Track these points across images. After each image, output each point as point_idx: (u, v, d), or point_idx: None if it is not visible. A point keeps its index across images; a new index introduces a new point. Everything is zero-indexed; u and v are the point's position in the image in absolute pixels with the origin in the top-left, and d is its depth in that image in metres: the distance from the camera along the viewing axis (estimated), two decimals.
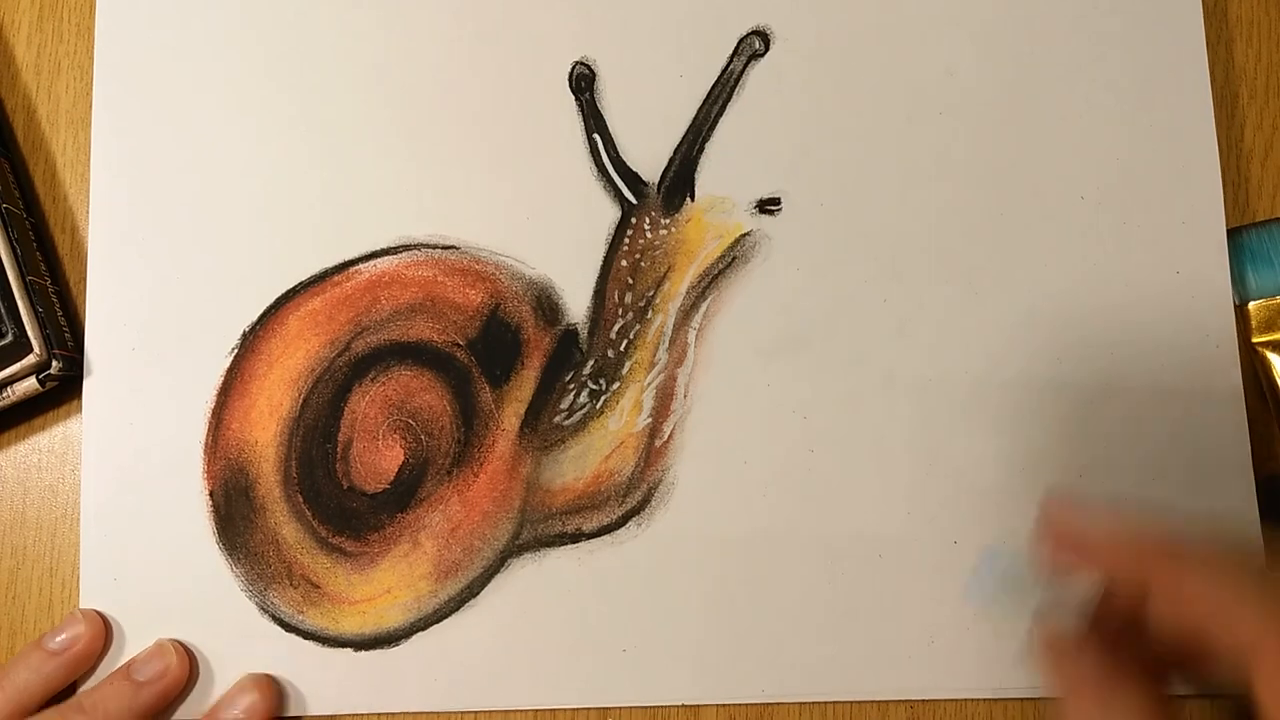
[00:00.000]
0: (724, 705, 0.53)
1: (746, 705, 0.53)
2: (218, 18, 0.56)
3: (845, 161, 0.55)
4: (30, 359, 0.52)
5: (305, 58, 0.56)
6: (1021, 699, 0.53)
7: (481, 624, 0.52)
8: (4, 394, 0.52)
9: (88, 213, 0.55)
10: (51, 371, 0.52)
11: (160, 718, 0.52)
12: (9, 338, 0.52)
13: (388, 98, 0.56)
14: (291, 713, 0.52)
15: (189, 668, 0.52)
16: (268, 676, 0.52)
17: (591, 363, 0.54)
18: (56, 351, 0.52)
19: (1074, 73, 0.56)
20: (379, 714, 0.53)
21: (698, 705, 0.53)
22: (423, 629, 0.52)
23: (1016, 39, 0.56)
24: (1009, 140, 0.55)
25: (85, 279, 0.55)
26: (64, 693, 0.52)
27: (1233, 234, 0.55)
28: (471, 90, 0.56)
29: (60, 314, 0.54)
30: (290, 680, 0.53)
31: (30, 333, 0.52)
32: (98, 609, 0.53)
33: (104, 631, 0.52)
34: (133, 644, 0.53)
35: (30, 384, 0.52)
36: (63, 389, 0.54)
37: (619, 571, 0.53)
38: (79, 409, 0.54)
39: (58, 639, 0.51)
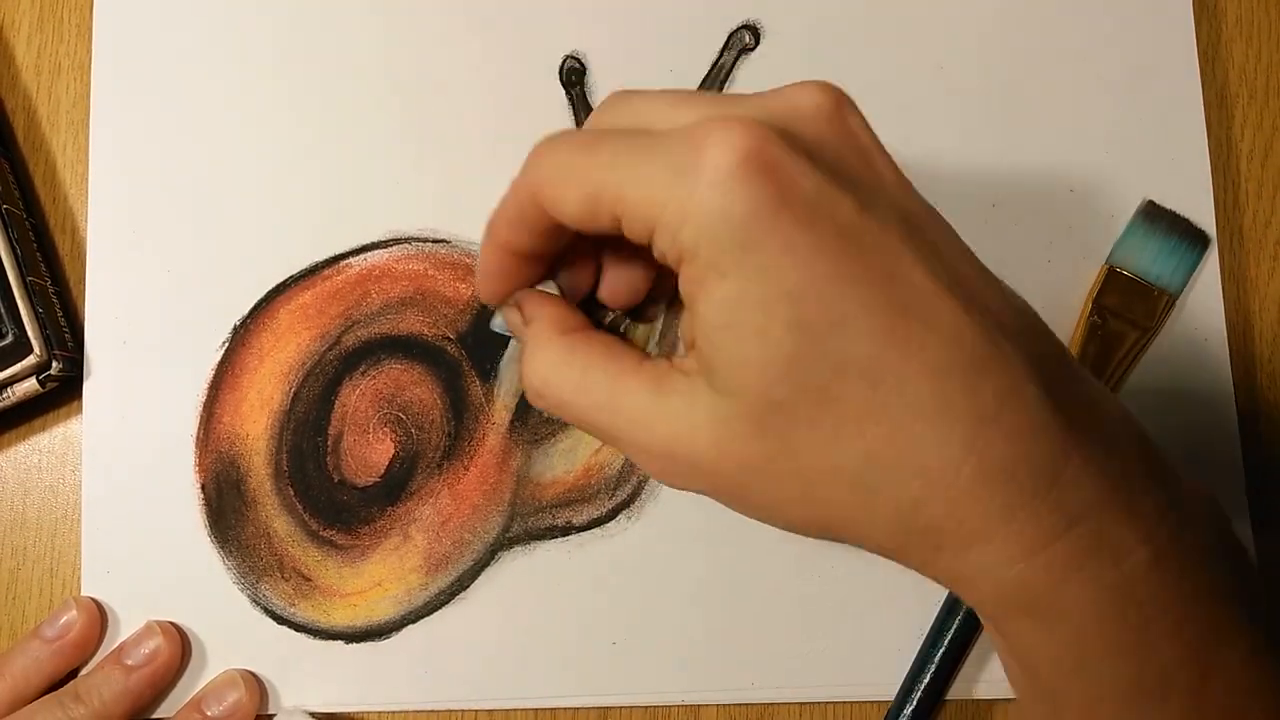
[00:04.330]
0: (724, 705, 0.53)
1: (746, 705, 0.53)
2: (211, 17, 0.57)
3: None
4: (30, 360, 0.52)
5: (296, 54, 0.57)
6: None
7: (471, 617, 0.53)
8: (4, 395, 0.53)
9: (88, 213, 0.56)
10: (52, 372, 0.52)
11: (156, 699, 0.52)
12: (9, 338, 0.52)
13: (378, 92, 0.56)
14: (283, 704, 0.53)
15: (180, 647, 0.52)
16: (252, 673, 0.53)
17: None
18: (57, 352, 0.53)
19: (1063, 67, 0.56)
20: (370, 708, 0.53)
21: (698, 705, 0.53)
22: (413, 621, 0.52)
23: (1006, 33, 0.56)
24: (998, 133, 0.56)
25: (85, 279, 0.55)
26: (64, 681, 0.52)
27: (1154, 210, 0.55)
28: (462, 83, 0.56)
29: (60, 314, 0.55)
30: (282, 672, 0.53)
31: (30, 333, 0.52)
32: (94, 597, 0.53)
33: (99, 618, 0.52)
34: (127, 636, 0.53)
35: (30, 385, 0.52)
36: (63, 389, 0.55)
37: (609, 564, 0.53)
38: (79, 409, 0.55)
39: (53, 626, 0.52)
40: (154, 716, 0.53)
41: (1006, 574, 0.33)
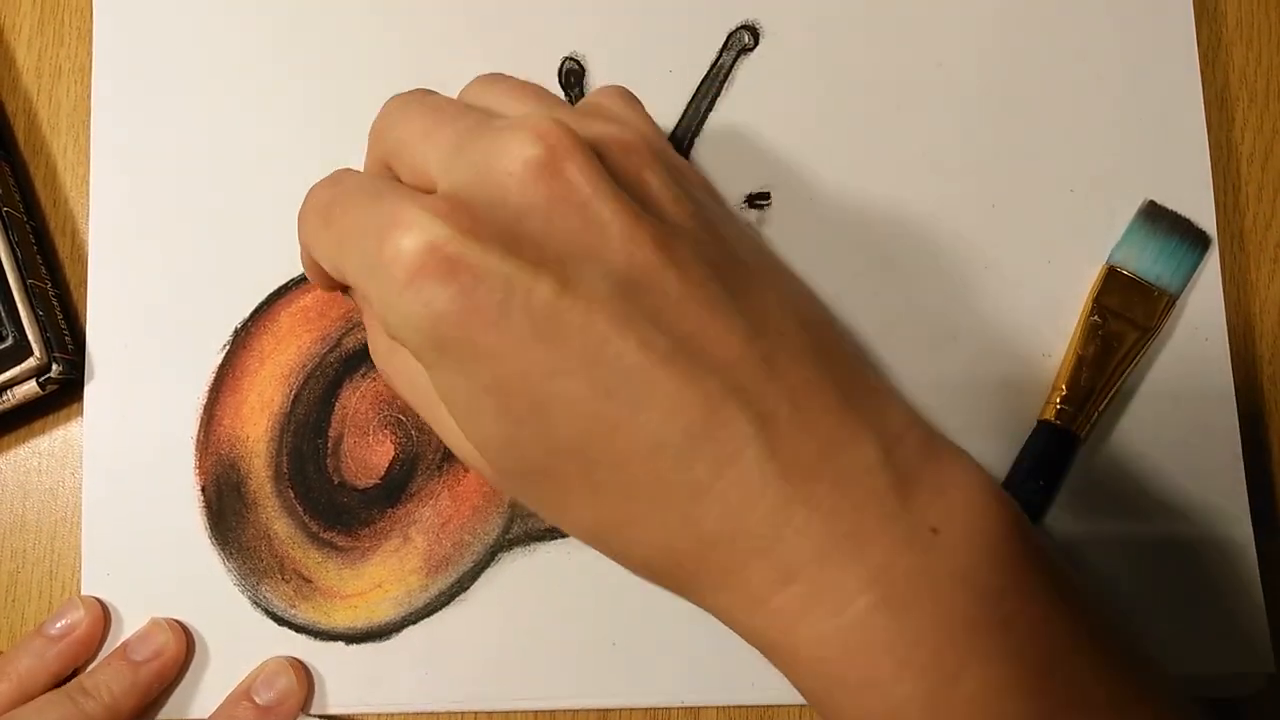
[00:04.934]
0: (724, 706, 0.53)
1: (746, 707, 0.53)
2: (211, 20, 0.57)
3: (834, 156, 0.55)
4: (30, 362, 0.52)
5: (296, 57, 0.57)
6: None
7: (472, 618, 0.52)
8: (4, 397, 0.52)
9: (88, 216, 0.56)
10: (52, 375, 0.52)
11: (162, 696, 0.52)
12: (9, 341, 0.52)
13: (378, 94, 0.55)
14: None
15: (185, 644, 0.52)
16: (299, 661, 0.53)
17: None
18: (57, 355, 0.52)
19: (1063, 65, 0.56)
20: (371, 709, 0.53)
21: (698, 706, 0.53)
22: (413, 623, 0.52)
23: (1006, 34, 0.56)
24: (998, 133, 0.56)
25: (85, 282, 0.55)
26: (66, 681, 0.52)
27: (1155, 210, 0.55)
28: (462, 85, 0.56)
29: (61, 317, 0.55)
30: None
31: (30, 336, 0.52)
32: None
33: (103, 616, 0.52)
34: (131, 634, 0.53)
35: (30, 387, 0.52)
36: (63, 392, 0.55)
37: (608, 566, 0.51)
38: (79, 412, 0.54)
39: (57, 625, 0.51)
40: (181, 717, 0.53)
41: (740, 620, 0.35)
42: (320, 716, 0.52)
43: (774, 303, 0.36)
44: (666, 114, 0.55)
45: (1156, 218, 0.54)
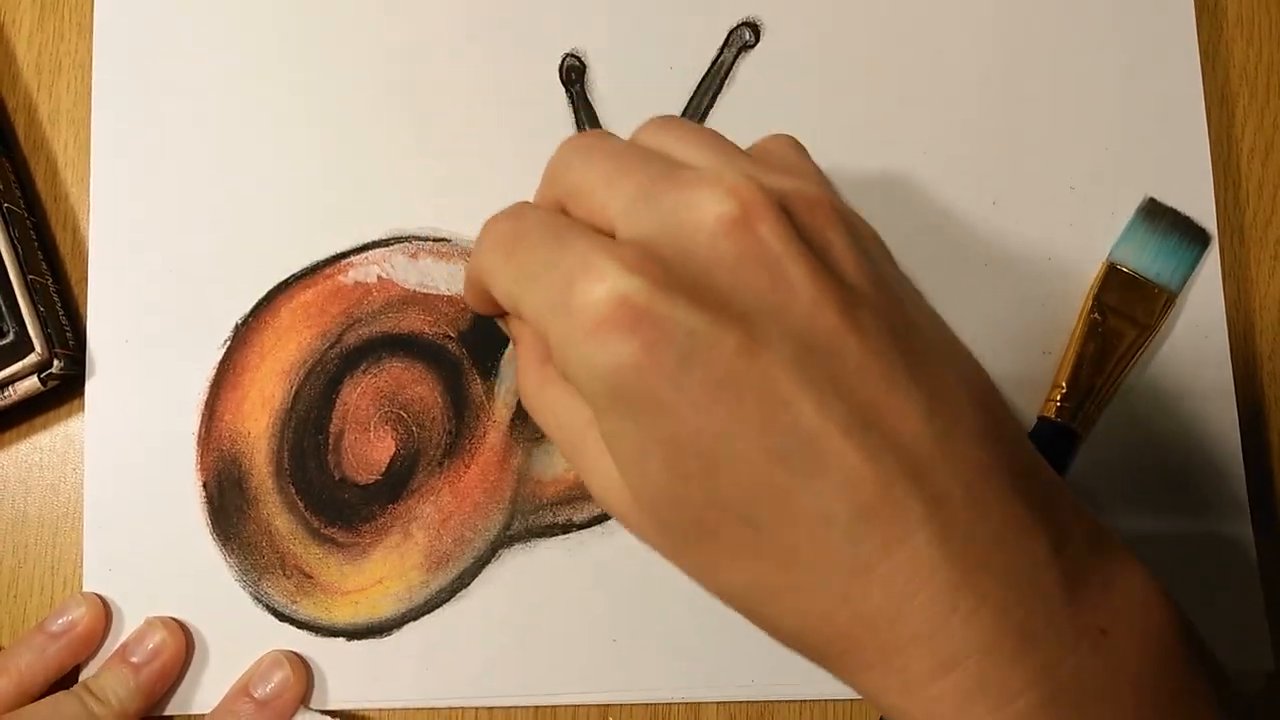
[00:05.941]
0: (724, 703, 0.53)
1: (747, 703, 0.53)
2: (211, 16, 0.57)
3: (835, 153, 0.55)
4: (32, 358, 0.52)
5: (297, 53, 0.57)
6: None
7: (472, 614, 0.53)
8: (5, 393, 0.52)
9: (89, 211, 0.56)
10: (53, 370, 0.52)
11: (167, 694, 0.52)
12: (10, 337, 0.52)
13: (379, 91, 0.56)
14: None
15: (184, 640, 0.52)
16: (296, 654, 0.53)
17: None
18: (58, 350, 0.52)
19: (1064, 62, 0.56)
20: (372, 705, 0.53)
21: (698, 703, 0.53)
22: (414, 619, 0.52)
23: (1007, 30, 0.56)
24: (999, 130, 0.56)
25: (86, 278, 0.55)
26: (66, 678, 0.52)
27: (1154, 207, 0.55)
28: (462, 82, 0.56)
29: (61, 313, 0.54)
30: None
31: (32, 332, 0.52)
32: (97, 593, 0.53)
33: (104, 613, 0.52)
34: (129, 635, 0.53)
35: (32, 383, 0.52)
36: (64, 388, 0.55)
37: (610, 562, 0.53)
38: (80, 407, 0.55)
39: (58, 621, 0.52)
40: (183, 713, 0.53)
41: (891, 702, 0.34)
42: (321, 712, 0.52)
43: (951, 378, 0.35)
44: (668, 110, 0.55)
45: (1157, 215, 0.54)
